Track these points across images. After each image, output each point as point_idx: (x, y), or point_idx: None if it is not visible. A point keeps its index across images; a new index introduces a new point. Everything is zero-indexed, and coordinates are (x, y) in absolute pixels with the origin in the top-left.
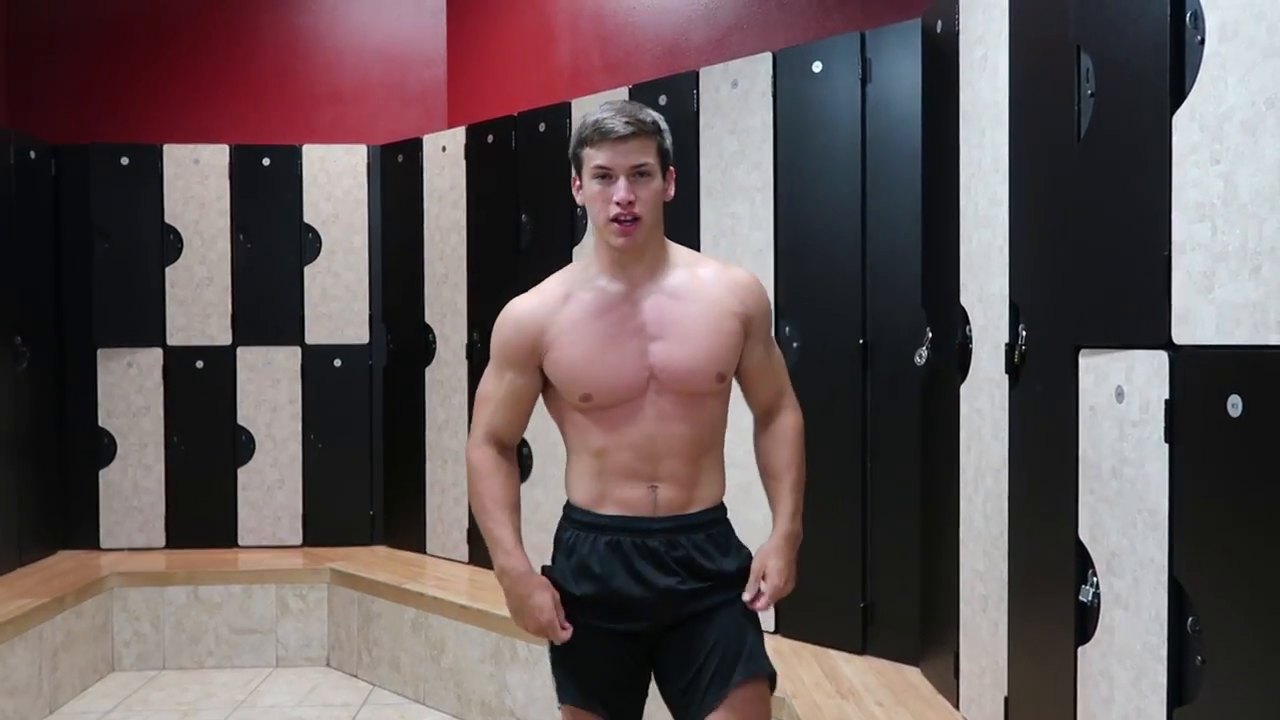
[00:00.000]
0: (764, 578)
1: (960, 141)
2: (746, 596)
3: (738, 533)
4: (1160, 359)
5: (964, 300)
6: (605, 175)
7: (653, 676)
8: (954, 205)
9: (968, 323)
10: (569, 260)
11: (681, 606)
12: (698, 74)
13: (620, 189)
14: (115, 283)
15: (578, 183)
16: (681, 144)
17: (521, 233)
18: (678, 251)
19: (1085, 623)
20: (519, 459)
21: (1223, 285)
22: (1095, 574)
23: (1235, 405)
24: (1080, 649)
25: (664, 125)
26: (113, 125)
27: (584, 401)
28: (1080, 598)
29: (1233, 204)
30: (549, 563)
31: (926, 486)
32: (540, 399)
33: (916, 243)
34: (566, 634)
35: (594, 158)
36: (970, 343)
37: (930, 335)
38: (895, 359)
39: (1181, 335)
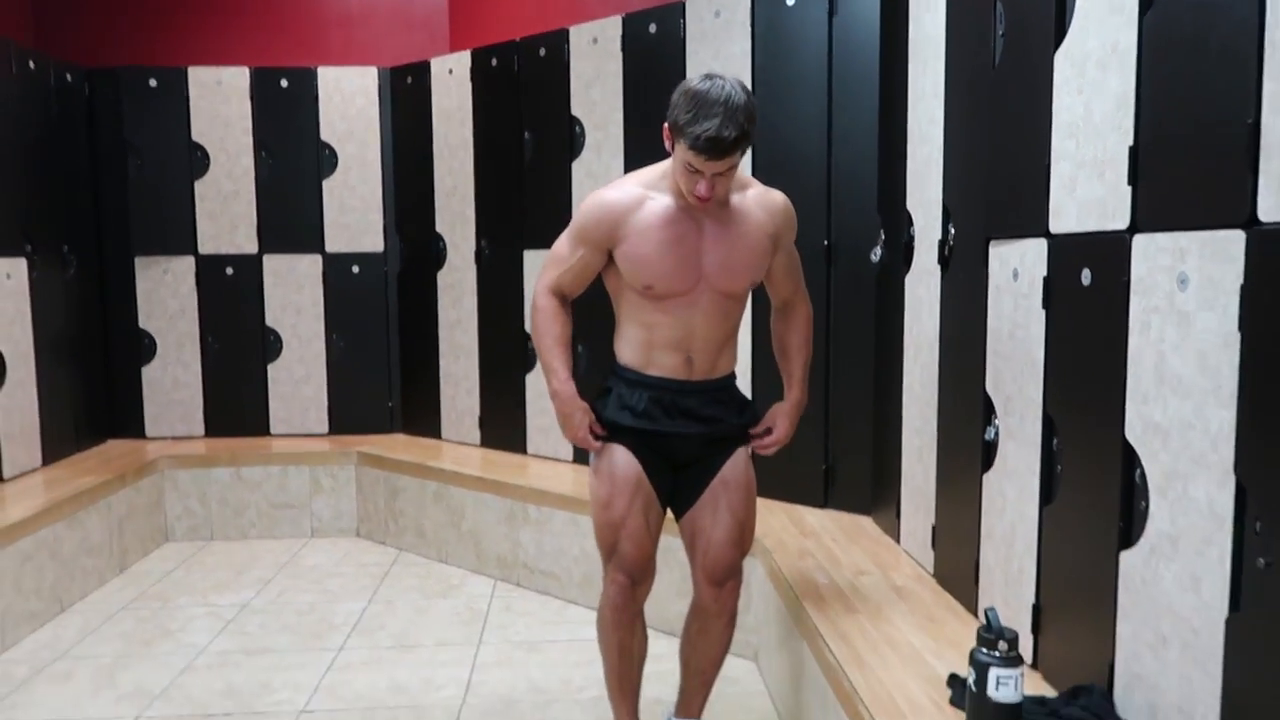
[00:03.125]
0: (772, 430)
1: (909, 69)
2: (756, 443)
3: None
4: (1041, 245)
5: (909, 205)
6: (696, 171)
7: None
8: (903, 124)
9: (912, 224)
10: (569, 175)
11: (702, 448)
12: (684, 5)
13: (703, 187)
14: (149, 196)
15: (670, 139)
16: (670, 67)
17: (525, 149)
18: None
19: (989, 456)
20: None
21: (1081, 187)
22: (996, 416)
23: (1086, 276)
24: (985, 476)
25: (754, 122)
26: (136, 50)
27: (646, 290)
28: (985, 437)
29: (1089, 124)
30: (599, 400)
31: (878, 364)
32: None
33: (874, 156)
34: (598, 445)
35: (692, 157)
36: (913, 241)
37: (883, 236)
38: (854, 257)
39: (1055, 226)
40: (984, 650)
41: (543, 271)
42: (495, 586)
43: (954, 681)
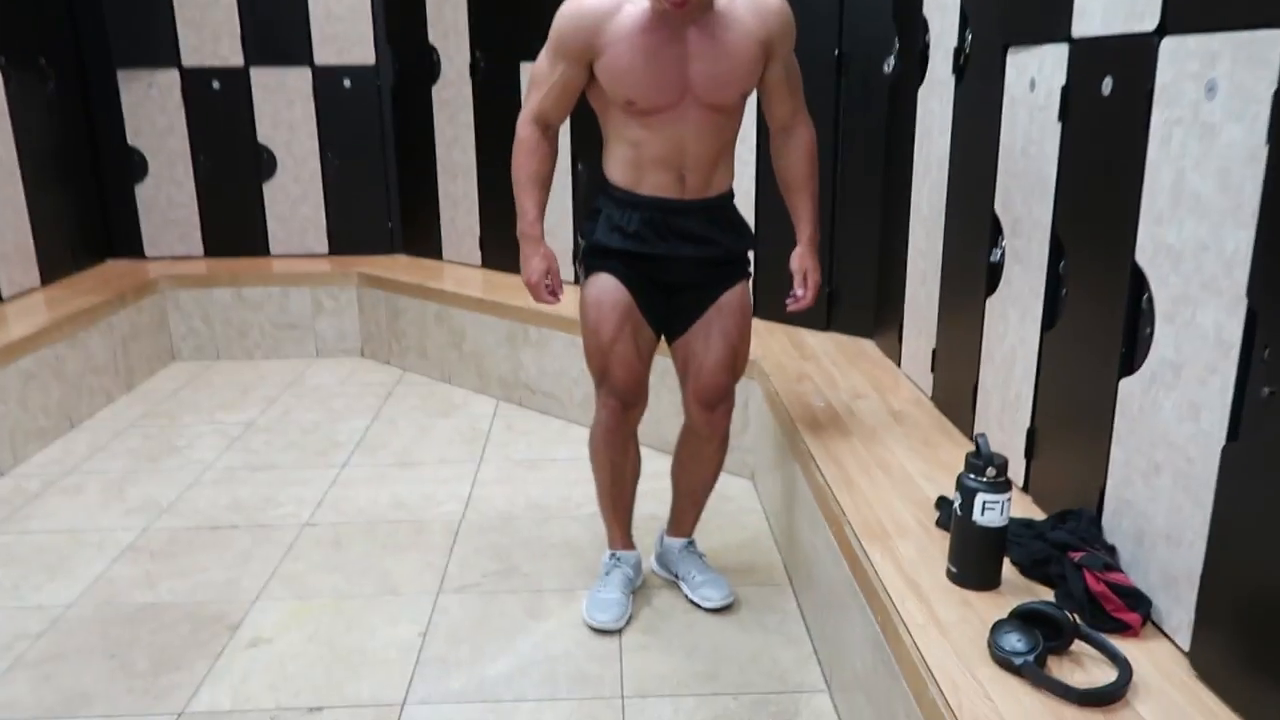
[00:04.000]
0: (804, 280)
1: None
2: (793, 297)
3: None
4: (1062, 51)
5: (926, 10)
6: None
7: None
8: None
9: (928, 30)
10: None
11: (698, 271)
12: None
13: None
14: (124, 3)
15: None
16: None
17: None
18: None
19: (993, 278)
20: None
21: None
22: (1003, 238)
23: (1107, 85)
24: (989, 300)
25: None
26: None
27: (628, 105)
28: (991, 259)
29: None
30: (588, 223)
31: (887, 183)
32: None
33: None
34: (551, 299)
35: None
36: (929, 49)
37: (898, 45)
38: (866, 68)
39: (1079, 29)
40: (972, 476)
41: (526, 98)
42: (497, 406)
43: (942, 504)
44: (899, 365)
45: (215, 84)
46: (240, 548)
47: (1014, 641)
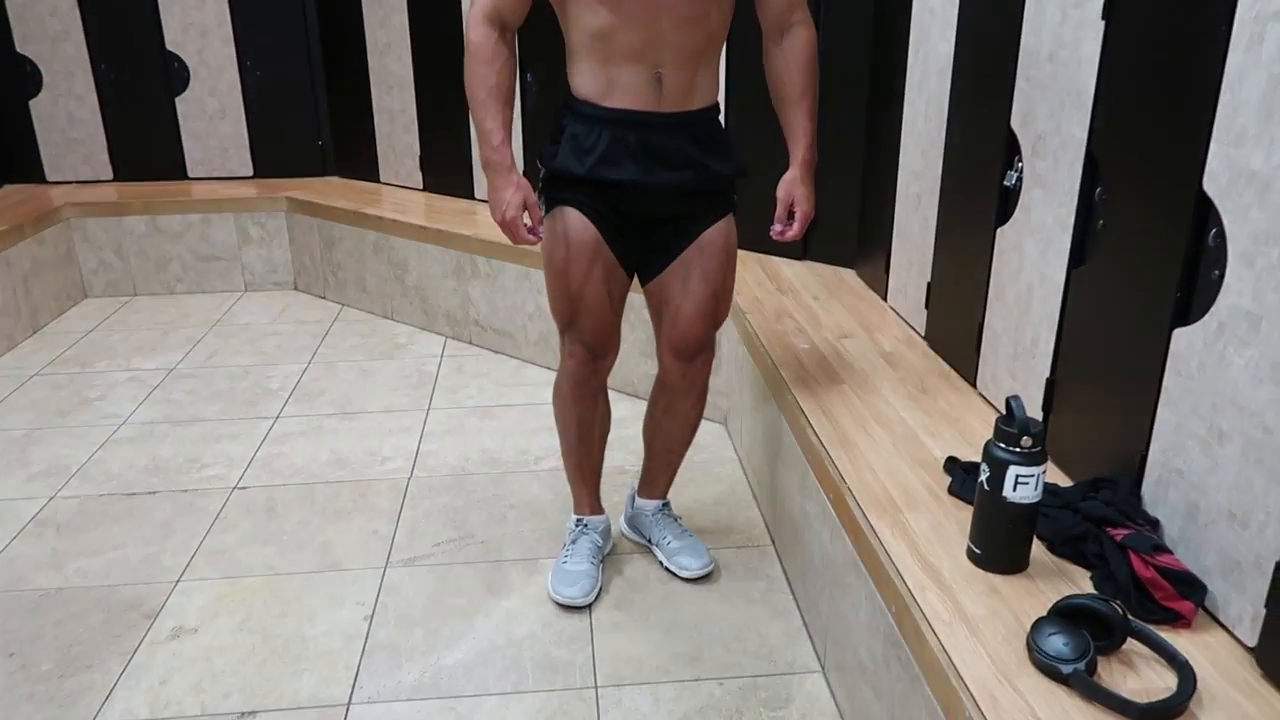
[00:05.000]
0: (792, 209)
1: None
2: (777, 228)
3: None
4: None
5: None
6: None
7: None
8: None
9: None
10: None
11: (679, 202)
12: None
13: None
14: None
15: None
16: None
17: None
18: None
19: (1006, 205)
20: None
21: None
22: (1020, 159)
23: None
24: (999, 229)
25: None
26: None
27: None
28: (1005, 182)
29: None
30: (549, 146)
31: (874, 93)
32: None
33: None
34: (532, 239)
35: None
36: None
37: None
38: None
39: None
40: (1002, 445)
41: None
42: (445, 345)
43: (953, 466)
44: (885, 299)
45: None
46: (160, 518)
47: (1059, 645)
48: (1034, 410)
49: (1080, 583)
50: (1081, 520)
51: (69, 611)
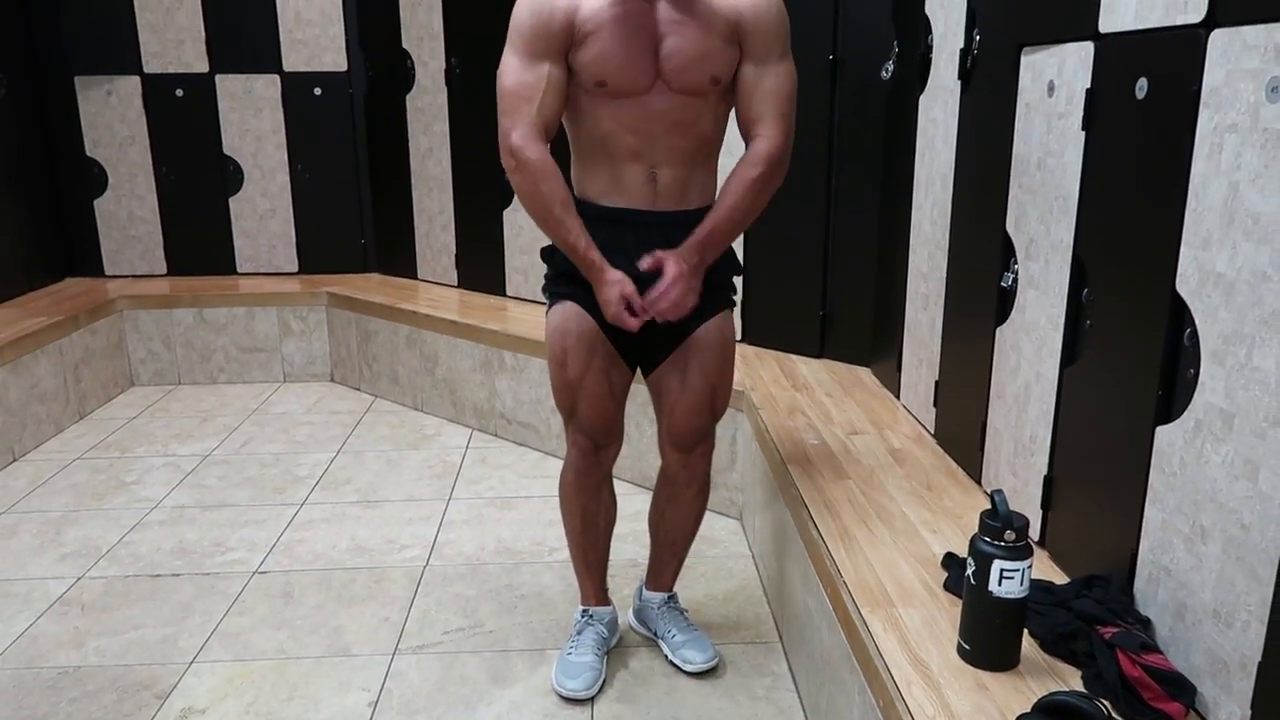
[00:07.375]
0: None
1: None
2: (651, 296)
3: None
4: (1086, 50)
5: (928, 8)
6: None
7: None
8: None
9: (930, 32)
10: None
11: None
12: None
13: None
14: (82, 6)
15: None
16: None
17: None
18: None
19: (1004, 305)
20: None
21: None
22: (1016, 261)
23: (1142, 88)
24: (999, 329)
25: None
26: None
27: (598, 86)
28: (1002, 283)
29: None
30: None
31: (885, 199)
32: None
33: None
34: (634, 324)
35: None
36: (931, 52)
37: (897, 49)
38: (863, 73)
39: (1107, 24)
40: (987, 539)
41: (506, 117)
42: (471, 437)
43: (949, 562)
44: (898, 397)
45: (179, 91)
46: (180, 600)
47: None
48: (1033, 508)
49: (1071, 681)
50: (1073, 618)
51: (84, 690)
